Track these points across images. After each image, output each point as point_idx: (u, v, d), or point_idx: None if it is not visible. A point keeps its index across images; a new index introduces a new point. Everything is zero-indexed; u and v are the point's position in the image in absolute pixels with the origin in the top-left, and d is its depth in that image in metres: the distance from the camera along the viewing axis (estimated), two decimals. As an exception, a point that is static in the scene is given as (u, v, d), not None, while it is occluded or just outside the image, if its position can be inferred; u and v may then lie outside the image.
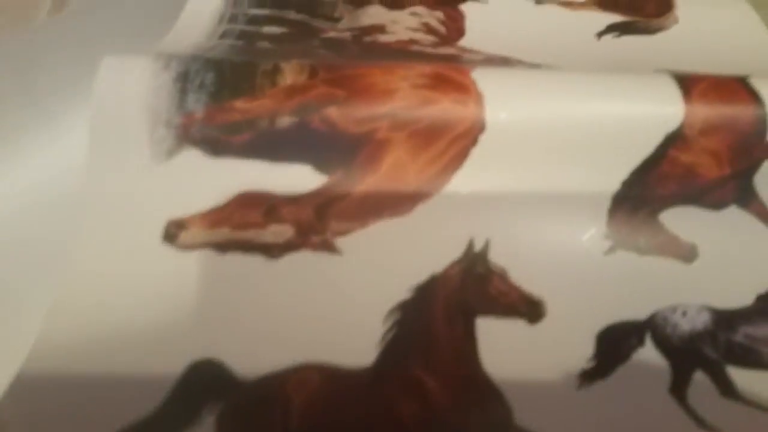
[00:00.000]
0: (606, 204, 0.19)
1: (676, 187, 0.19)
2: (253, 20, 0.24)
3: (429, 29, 0.25)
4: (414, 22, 0.25)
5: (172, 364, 0.16)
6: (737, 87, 0.19)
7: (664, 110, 0.19)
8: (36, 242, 0.19)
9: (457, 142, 0.19)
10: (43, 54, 0.23)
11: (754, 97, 0.19)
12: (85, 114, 0.19)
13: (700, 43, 0.26)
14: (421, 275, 0.18)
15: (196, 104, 0.18)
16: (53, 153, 0.21)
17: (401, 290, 0.18)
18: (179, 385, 0.16)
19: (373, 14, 0.25)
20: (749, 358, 0.17)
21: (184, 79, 0.18)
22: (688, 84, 0.19)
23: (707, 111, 0.19)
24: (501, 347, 0.17)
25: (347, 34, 0.24)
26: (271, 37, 0.23)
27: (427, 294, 0.18)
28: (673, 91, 0.19)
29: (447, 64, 0.20)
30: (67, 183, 0.19)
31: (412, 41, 0.24)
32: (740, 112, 0.19)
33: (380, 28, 0.25)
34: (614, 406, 0.16)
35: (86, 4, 0.24)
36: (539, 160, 0.19)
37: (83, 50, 0.22)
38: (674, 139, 0.19)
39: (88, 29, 0.23)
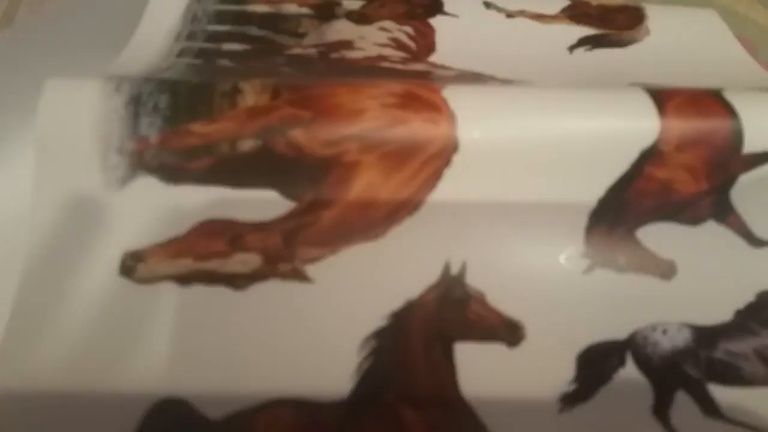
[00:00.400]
0: (583, 222, 0.19)
1: (652, 203, 0.19)
2: (213, 37, 0.24)
3: (398, 45, 0.25)
4: (382, 37, 0.25)
5: (135, 404, 0.15)
6: (712, 101, 0.20)
7: (639, 126, 0.19)
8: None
9: (429, 163, 0.18)
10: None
11: (728, 110, 0.19)
12: (31, 139, 0.18)
13: (672, 54, 0.26)
14: (396, 301, 0.17)
15: (150, 128, 0.17)
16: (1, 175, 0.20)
17: (376, 318, 0.17)
18: (144, 425, 0.15)
19: (340, 29, 0.25)
20: (730, 375, 0.17)
21: (136, 102, 0.17)
22: (663, 99, 0.19)
23: (683, 126, 0.19)
24: (480, 372, 0.17)
25: (313, 51, 0.24)
26: (232, 55, 0.23)
27: (403, 321, 0.17)
28: (648, 107, 0.19)
29: (417, 81, 0.20)
30: (14, 208, 0.18)
31: (381, 57, 0.24)
32: (716, 126, 0.19)
33: (348, 44, 0.24)
34: (596, 429, 0.16)
35: (33, 22, 0.23)
36: (514, 180, 0.19)
37: (30, 70, 0.21)
38: (650, 155, 0.19)
39: (35, 48, 0.22)
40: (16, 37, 0.24)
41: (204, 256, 0.17)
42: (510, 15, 0.27)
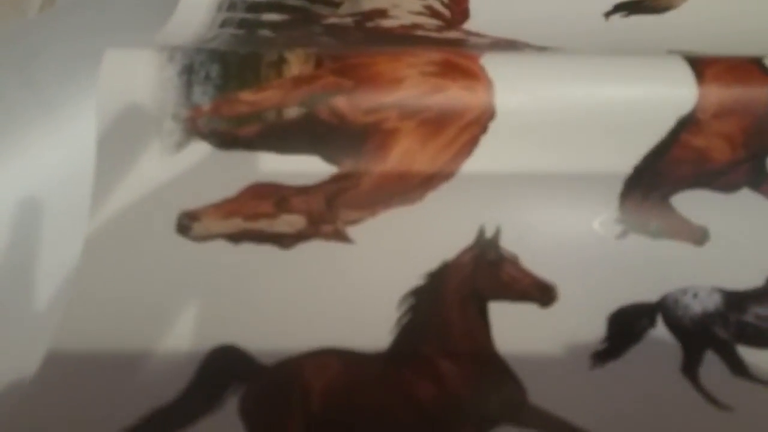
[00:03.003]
0: (618, 188, 0.20)
1: (688, 170, 0.20)
2: (253, 7, 0.25)
3: (433, 12, 0.26)
4: (417, 5, 0.26)
5: (193, 350, 0.17)
6: (752, 69, 0.20)
7: (677, 93, 0.19)
8: (45, 233, 0.20)
9: (467, 130, 0.19)
10: (41, 47, 0.24)
11: (767, 80, 0.20)
12: (86, 105, 0.20)
13: (710, 20, 0.26)
14: (433, 262, 0.19)
15: (203, 97, 0.19)
16: (56, 146, 0.22)
17: (413, 277, 0.19)
18: (202, 369, 0.17)
19: (375, -4, 0.26)
20: (760, 338, 0.18)
21: (189, 72, 0.19)
22: (702, 66, 0.20)
23: (721, 94, 0.19)
24: (514, 330, 0.18)
25: (349, 20, 0.25)
26: (271, 25, 0.24)
27: (439, 281, 0.19)
28: (686, 74, 0.20)
29: (454, 50, 0.20)
30: (76, 173, 0.20)
31: (416, 25, 0.25)
32: (755, 94, 0.20)
33: (382, 13, 0.25)
34: (627, 385, 0.17)
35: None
36: (550, 146, 0.20)
37: (80, 42, 0.23)
38: (687, 123, 0.19)
39: (84, 20, 0.24)
40: (66, 10, 0.25)
41: (253, 217, 0.19)
42: (545, -19, 0.28)
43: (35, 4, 0.27)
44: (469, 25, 0.25)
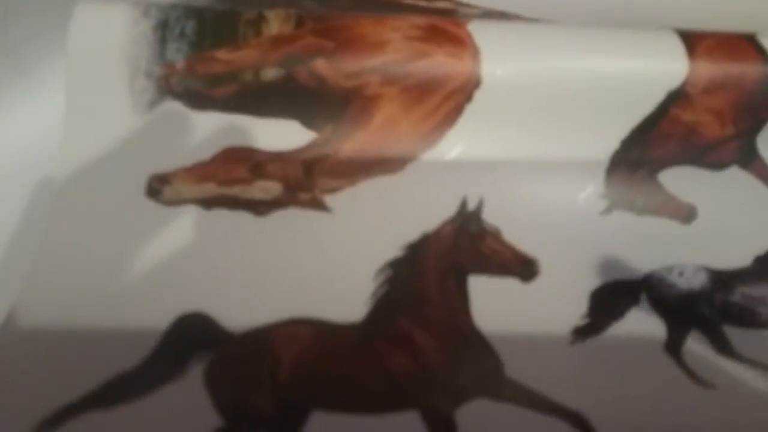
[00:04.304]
0: (604, 163, 0.19)
1: (676, 146, 0.19)
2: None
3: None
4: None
5: (160, 316, 0.16)
6: (744, 44, 0.19)
7: (667, 67, 0.19)
8: (14, 192, 0.19)
9: (451, 98, 0.19)
10: (14, 6, 0.23)
11: (761, 54, 0.19)
12: (60, 64, 0.19)
13: None
14: (412, 233, 0.18)
15: (177, 54, 0.18)
16: (30, 102, 0.21)
17: (392, 248, 0.18)
18: (167, 336, 0.16)
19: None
20: (745, 318, 0.17)
21: (163, 28, 0.18)
22: (693, 40, 0.19)
23: (712, 68, 0.19)
24: (493, 304, 0.17)
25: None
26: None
27: (418, 252, 0.18)
28: (677, 47, 0.19)
29: (442, 15, 0.20)
30: (46, 131, 0.19)
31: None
32: (746, 70, 0.19)
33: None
34: (607, 361, 0.17)
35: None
36: (536, 118, 0.19)
37: None
38: (676, 97, 0.19)
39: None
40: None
41: (227, 182, 0.18)
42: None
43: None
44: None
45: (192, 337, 0.16)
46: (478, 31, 0.19)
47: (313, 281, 0.17)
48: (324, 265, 0.18)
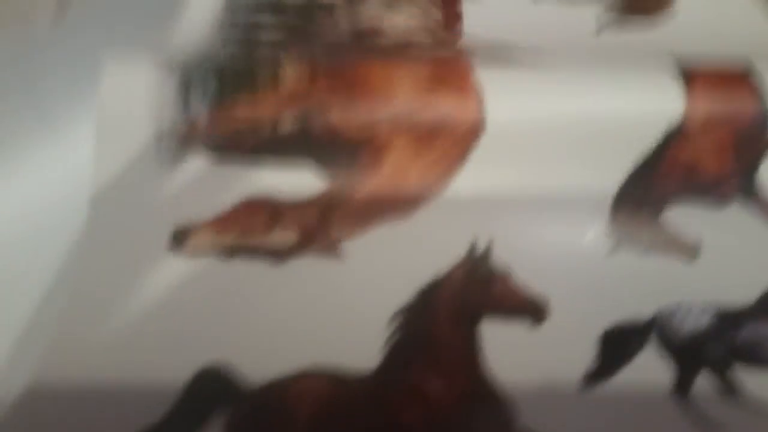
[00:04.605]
0: (608, 203, 0.20)
1: (677, 184, 0.20)
2: (253, 27, 0.25)
3: (427, 29, 0.26)
4: (412, 22, 0.26)
5: (181, 370, 0.17)
6: (739, 82, 0.20)
7: (665, 107, 0.19)
8: (43, 246, 0.20)
9: (458, 144, 0.19)
10: (46, 59, 0.24)
11: (756, 91, 0.20)
12: (90, 118, 0.20)
13: (701, 33, 0.26)
14: (424, 278, 0.19)
15: (200, 112, 0.19)
16: (59, 157, 0.22)
17: (405, 293, 0.18)
18: (187, 391, 0.17)
19: (371, 16, 0.26)
20: (754, 357, 0.18)
21: (187, 87, 0.19)
22: (689, 80, 0.20)
23: (708, 107, 0.19)
24: (505, 349, 0.18)
25: (346, 37, 0.25)
26: (270, 44, 0.24)
27: (430, 297, 0.18)
28: (674, 87, 0.20)
29: (447, 64, 0.21)
30: (74, 188, 0.20)
31: (411, 41, 0.25)
32: (742, 107, 0.20)
33: (377, 31, 0.25)
34: (619, 406, 0.17)
35: (86, 11, 0.25)
36: (541, 160, 0.20)
37: (85, 56, 0.23)
38: (675, 136, 0.19)
39: (90, 35, 0.24)
40: (72, 24, 0.26)
41: (247, 231, 0.19)
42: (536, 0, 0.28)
43: (46, 16, 0.27)
44: (463, 42, 0.25)
45: (212, 392, 0.17)
46: (482, 78, 0.20)
47: (329, 329, 0.18)
48: (339, 312, 0.18)
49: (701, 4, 0.27)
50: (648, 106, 0.19)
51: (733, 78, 0.20)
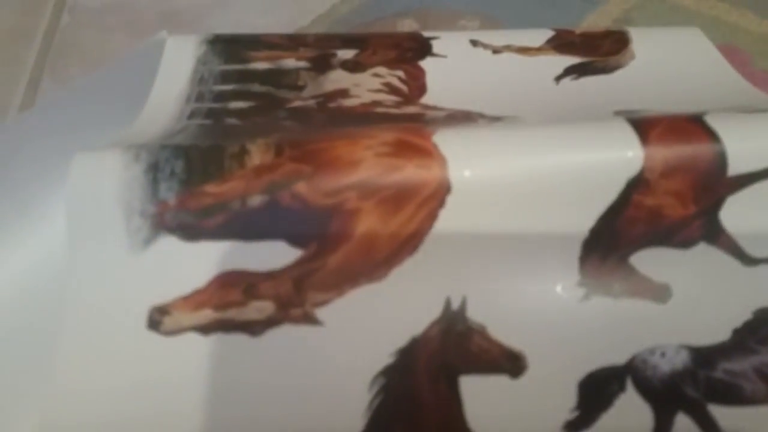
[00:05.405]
0: (577, 252, 0.20)
1: (643, 230, 0.20)
2: (220, 96, 0.26)
3: (391, 89, 0.26)
4: (376, 83, 0.27)
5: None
6: (693, 126, 0.21)
7: (624, 156, 0.20)
8: (17, 333, 0.20)
9: (425, 205, 0.20)
10: (18, 147, 0.25)
11: (710, 134, 0.20)
12: (61, 204, 0.20)
13: (658, 76, 0.27)
14: (402, 339, 0.19)
15: (168, 192, 0.19)
16: (31, 245, 0.22)
17: (384, 356, 0.19)
18: None
19: (336, 79, 0.27)
20: (730, 395, 0.18)
21: (154, 169, 0.19)
22: (645, 128, 0.20)
23: (666, 153, 0.20)
24: (485, 404, 0.18)
25: (312, 102, 0.26)
26: (237, 112, 0.25)
27: (409, 357, 0.18)
28: (631, 137, 0.20)
29: (409, 129, 0.21)
30: (47, 274, 0.20)
31: (376, 103, 0.26)
32: (699, 151, 0.20)
33: (343, 93, 0.26)
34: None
35: (56, 96, 0.26)
36: (507, 215, 0.20)
37: (56, 141, 0.24)
38: (636, 184, 0.20)
39: (60, 120, 0.25)
40: (42, 111, 0.26)
41: (223, 306, 0.19)
42: (496, 51, 0.29)
43: (15, 105, 0.28)
44: (426, 98, 0.26)
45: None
46: (443, 141, 0.20)
47: (311, 397, 0.18)
48: (320, 380, 0.18)
49: (656, 45, 0.28)
50: (608, 157, 0.20)
51: (687, 125, 0.20)
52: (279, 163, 0.20)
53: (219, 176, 0.19)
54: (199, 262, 0.19)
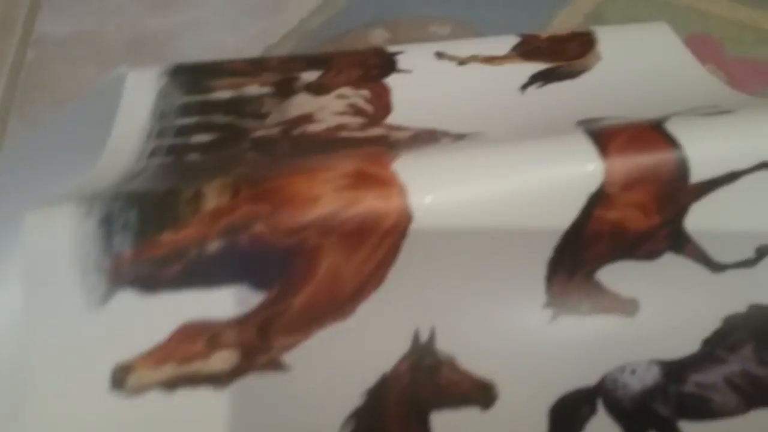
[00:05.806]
0: (543, 272, 0.20)
1: (607, 244, 0.20)
2: (182, 131, 0.25)
3: (356, 110, 0.26)
4: (341, 105, 0.26)
5: None
6: (653, 135, 0.20)
7: (583, 171, 0.20)
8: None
9: (387, 237, 0.19)
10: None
11: (671, 142, 0.20)
12: (15, 263, 0.19)
13: (623, 78, 0.27)
14: (371, 378, 0.19)
15: (123, 245, 0.19)
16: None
17: (354, 397, 0.18)
18: None
19: (300, 103, 0.26)
20: (701, 409, 0.18)
21: (108, 223, 0.19)
22: (605, 140, 0.20)
23: (626, 165, 0.20)
24: (458, 438, 0.18)
25: (275, 131, 0.25)
26: (199, 147, 0.24)
27: (378, 397, 0.18)
28: (590, 151, 0.20)
29: (369, 157, 0.21)
30: (3, 336, 0.20)
31: (340, 126, 0.25)
32: (659, 159, 0.20)
33: (308, 118, 0.26)
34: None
35: (20, 143, 0.25)
36: (471, 240, 0.20)
37: (17, 194, 0.23)
38: (597, 198, 0.20)
39: (22, 172, 0.24)
40: (5, 161, 0.26)
41: (186, 359, 0.19)
42: (462, 62, 0.28)
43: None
44: (392, 118, 0.26)
45: None
46: (402, 169, 0.20)
47: (282, 444, 0.18)
48: (290, 426, 0.18)
49: (622, 44, 0.28)
50: (567, 172, 0.20)
51: (647, 134, 0.20)
52: (236, 205, 0.19)
53: (174, 224, 0.19)
54: (160, 314, 0.19)
